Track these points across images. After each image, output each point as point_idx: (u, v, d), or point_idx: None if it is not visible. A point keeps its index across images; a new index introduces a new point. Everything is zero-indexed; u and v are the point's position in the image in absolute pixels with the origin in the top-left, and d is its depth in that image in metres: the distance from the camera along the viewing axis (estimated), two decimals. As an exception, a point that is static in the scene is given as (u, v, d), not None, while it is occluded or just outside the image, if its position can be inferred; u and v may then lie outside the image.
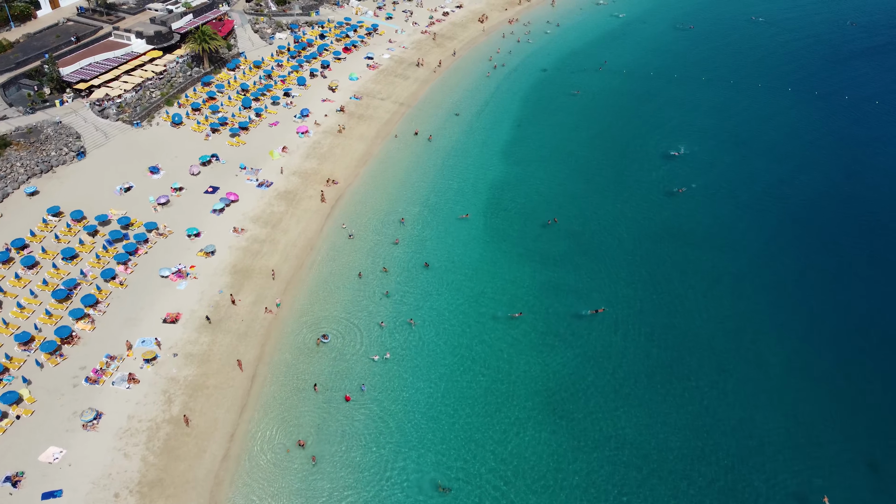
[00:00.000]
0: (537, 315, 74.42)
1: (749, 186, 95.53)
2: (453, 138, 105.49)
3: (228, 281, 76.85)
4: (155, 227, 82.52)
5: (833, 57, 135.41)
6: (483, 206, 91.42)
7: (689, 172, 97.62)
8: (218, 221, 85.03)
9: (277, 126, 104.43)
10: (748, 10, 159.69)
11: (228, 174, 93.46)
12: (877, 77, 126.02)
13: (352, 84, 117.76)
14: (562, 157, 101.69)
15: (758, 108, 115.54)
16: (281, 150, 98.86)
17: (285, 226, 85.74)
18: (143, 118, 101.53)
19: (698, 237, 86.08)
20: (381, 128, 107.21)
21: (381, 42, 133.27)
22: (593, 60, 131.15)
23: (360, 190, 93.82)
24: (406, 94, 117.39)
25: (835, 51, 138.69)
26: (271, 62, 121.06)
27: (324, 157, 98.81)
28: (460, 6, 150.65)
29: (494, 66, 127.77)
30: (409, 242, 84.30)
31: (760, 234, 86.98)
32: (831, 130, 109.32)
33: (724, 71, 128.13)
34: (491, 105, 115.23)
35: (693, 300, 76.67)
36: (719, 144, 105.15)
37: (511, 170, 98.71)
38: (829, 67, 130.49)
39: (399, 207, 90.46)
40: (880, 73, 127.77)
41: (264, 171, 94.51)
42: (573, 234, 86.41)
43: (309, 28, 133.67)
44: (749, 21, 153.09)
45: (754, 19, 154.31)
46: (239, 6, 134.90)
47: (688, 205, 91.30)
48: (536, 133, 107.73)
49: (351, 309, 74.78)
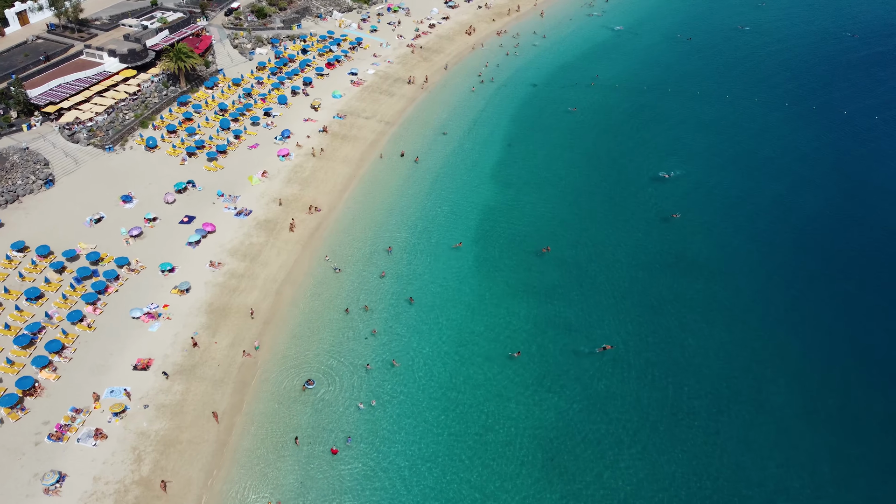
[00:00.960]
0: (532, 355, 70.53)
1: (746, 210, 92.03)
2: (441, 159, 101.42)
3: (204, 321, 72.42)
4: (126, 262, 77.96)
5: (829, 68, 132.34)
6: (473, 233, 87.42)
7: (685, 195, 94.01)
8: (193, 255, 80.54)
9: (257, 149, 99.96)
10: (738, 19, 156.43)
11: (205, 202, 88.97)
12: (875, 90, 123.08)
13: (335, 102, 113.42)
14: (554, 180, 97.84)
15: (754, 123, 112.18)
16: (261, 174, 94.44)
17: (265, 258, 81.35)
18: (116, 142, 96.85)
19: (696, 266, 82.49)
20: (366, 149, 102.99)
21: (365, 56, 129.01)
22: (585, 74, 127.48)
23: (344, 217, 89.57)
24: (392, 112, 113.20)
25: (831, 62, 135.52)
26: (251, 79, 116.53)
27: (306, 182, 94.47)
28: (447, 18, 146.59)
29: (483, 80, 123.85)
30: (396, 275, 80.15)
31: (760, 262, 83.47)
32: (830, 147, 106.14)
33: (719, 84, 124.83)
34: (480, 123, 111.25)
35: (694, 336, 73.03)
36: (715, 164, 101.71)
37: (502, 194, 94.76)
38: (825, 80, 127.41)
39: (386, 236, 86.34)
40: (878, 85, 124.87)
41: (243, 198, 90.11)
42: (568, 264, 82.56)
43: (290, 42, 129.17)
44: (741, 31, 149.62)
45: (741, 28, 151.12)
46: (217, 20, 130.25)
47: (684, 231, 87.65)
48: (527, 153, 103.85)
49: (335, 350, 70.58)
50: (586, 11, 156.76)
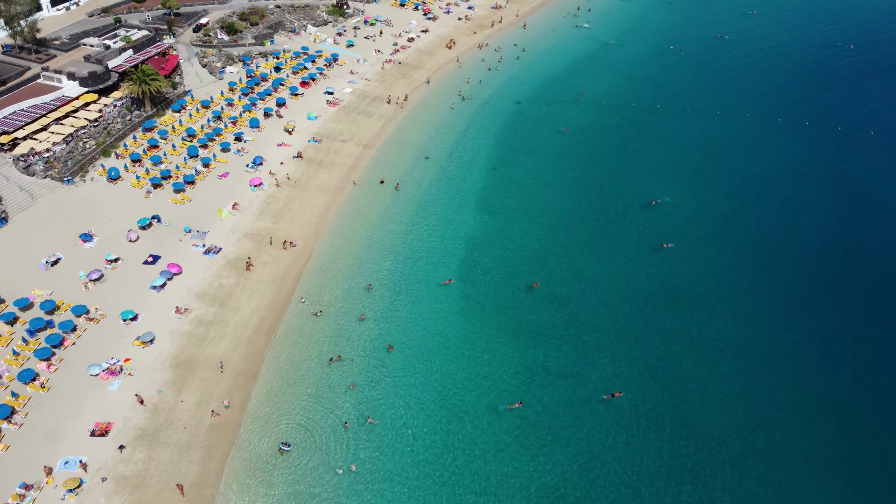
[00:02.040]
0: (529, 406, 65.67)
1: (741, 236, 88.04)
2: (423, 186, 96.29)
3: (169, 377, 66.78)
4: (85, 310, 72.05)
5: (822, 80, 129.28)
6: (458, 268, 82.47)
7: (676, 223, 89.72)
8: (158, 300, 74.78)
9: (227, 178, 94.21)
10: (726, 29, 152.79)
11: (171, 239, 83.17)
12: (867, 104, 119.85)
13: (310, 124, 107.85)
14: (541, 206, 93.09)
15: (747, 141, 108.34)
16: (231, 207, 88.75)
17: (236, 302, 75.75)
18: (76, 174, 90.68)
19: (694, 300, 78.23)
20: (344, 176, 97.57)
21: (341, 74, 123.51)
22: (570, 90, 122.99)
23: (321, 253, 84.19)
24: (370, 134, 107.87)
25: (823, 73, 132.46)
26: (221, 101, 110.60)
27: (280, 215, 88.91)
28: (426, 31, 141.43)
29: (464, 98, 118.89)
30: (376, 317, 75.03)
31: (760, 293, 79.58)
32: (826, 166, 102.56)
33: (709, 99, 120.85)
34: (462, 145, 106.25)
35: (698, 380, 68.76)
36: (707, 186, 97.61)
37: (488, 223, 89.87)
38: (818, 92, 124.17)
39: (365, 272, 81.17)
40: (870, 99, 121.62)
41: (212, 234, 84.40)
42: (559, 300, 77.87)
43: (263, 60, 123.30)
44: (732, 42, 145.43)
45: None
46: (185, 37, 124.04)
47: (677, 262, 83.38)
48: (513, 177, 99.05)
49: (311, 406, 65.33)
50: (572, 23, 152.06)
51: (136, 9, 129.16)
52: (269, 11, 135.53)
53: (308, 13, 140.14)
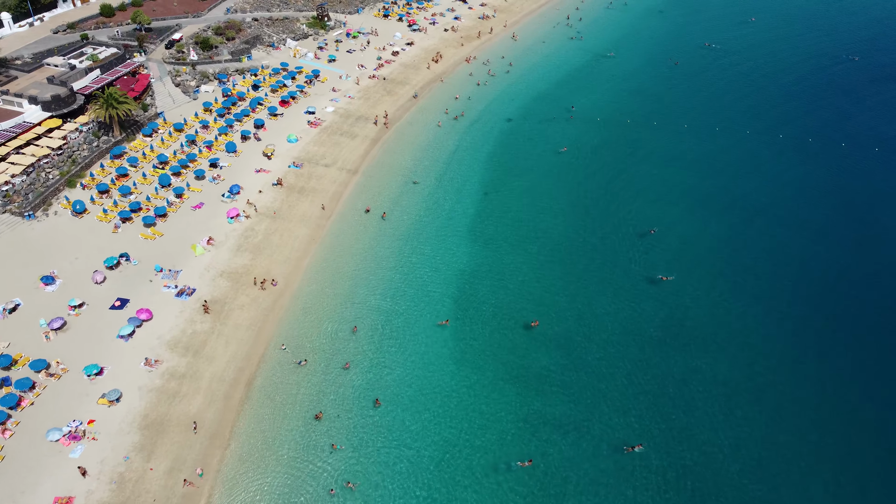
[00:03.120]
0: (534, 466, 60.37)
1: (748, 267, 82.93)
2: (411, 214, 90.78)
3: (137, 440, 60.89)
4: (45, 365, 65.96)
5: (825, 94, 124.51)
6: (450, 305, 77.14)
7: (678, 253, 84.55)
8: (126, 351, 68.79)
9: (202, 209, 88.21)
10: (724, 38, 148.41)
11: (141, 280, 77.14)
12: (870, 117, 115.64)
13: (291, 148, 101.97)
14: (535, 235, 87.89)
15: (747, 161, 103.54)
16: (206, 242, 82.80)
17: (211, 351, 69.89)
18: (38, 207, 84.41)
19: (701, 338, 73.27)
20: (327, 204, 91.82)
21: (323, 91, 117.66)
22: (563, 106, 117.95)
23: (303, 292, 78.50)
24: (354, 157, 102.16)
25: (826, 86, 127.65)
26: (195, 123, 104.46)
27: (258, 249, 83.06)
28: (411, 43, 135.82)
29: (454, 116, 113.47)
30: (361, 365, 69.54)
31: (770, 329, 74.64)
32: (831, 186, 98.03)
33: (708, 114, 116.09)
34: (452, 168, 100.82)
35: (710, 428, 63.74)
36: (708, 210, 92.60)
37: (481, 255, 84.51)
38: (820, 107, 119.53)
39: (350, 313, 75.68)
40: (872, 112, 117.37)
41: (186, 273, 78.44)
42: (560, 341, 72.72)
43: (240, 77, 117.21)
44: (731, 53, 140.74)
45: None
46: (157, 54, 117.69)
47: (683, 296, 78.39)
48: (505, 203, 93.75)
49: (292, 471, 59.75)
50: (563, 33, 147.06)
51: (105, 24, 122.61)
52: (246, 25, 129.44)
53: (287, 26, 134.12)
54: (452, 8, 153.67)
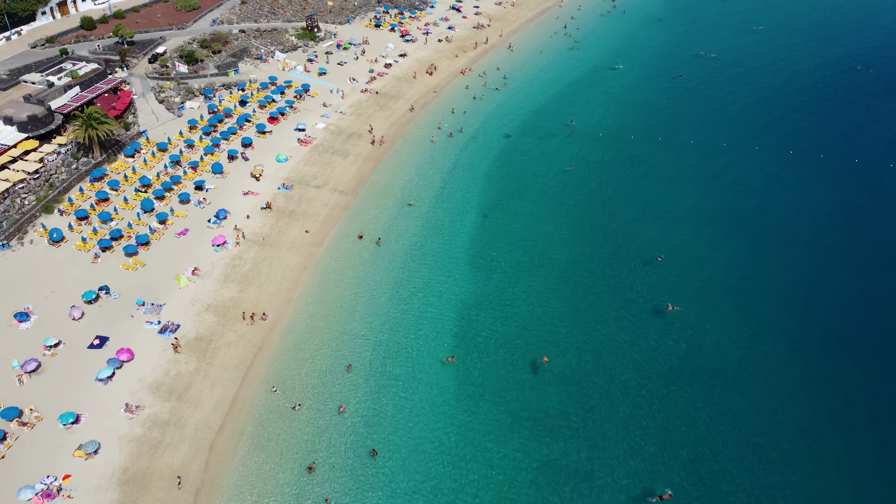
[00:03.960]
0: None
1: (763, 293, 79.23)
2: (407, 240, 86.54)
3: (116, 498, 56.47)
4: (17, 413, 61.33)
5: (836, 106, 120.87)
6: (451, 340, 73.00)
7: (685, 279, 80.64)
8: (105, 395, 64.22)
9: (187, 236, 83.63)
10: (728, 47, 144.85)
11: (122, 315, 72.54)
12: (883, 132, 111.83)
13: (280, 168, 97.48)
14: (539, 262, 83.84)
15: (756, 178, 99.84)
16: (191, 272, 78.23)
17: (196, 395, 65.38)
18: (12, 236, 79.69)
19: (720, 375, 69.44)
20: (319, 230, 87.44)
21: (313, 106, 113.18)
22: (563, 120, 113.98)
23: (294, 326, 74.10)
24: (347, 177, 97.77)
25: (837, 98, 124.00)
26: (180, 142, 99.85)
27: (246, 280, 78.56)
28: (404, 55, 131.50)
29: (450, 133, 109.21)
30: (357, 409, 65.27)
31: (791, 364, 70.95)
32: (845, 204, 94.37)
33: (714, 129, 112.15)
34: (450, 188, 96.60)
35: (742, 472, 59.71)
36: (719, 234, 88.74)
37: (482, 284, 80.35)
38: (831, 119, 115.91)
39: (345, 349, 71.41)
40: (885, 126, 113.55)
41: (169, 308, 73.86)
42: (570, 380, 68.68)
43: (227, 93, 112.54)
44: (736, 66, 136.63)
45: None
46: (140, 69, 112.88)
47: (692, 327, 74.54)
48: (506, 227, 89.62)
49: (285, 531, 55.25)
50: (561, 43, 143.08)
51: (86, 37, 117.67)
52: (233, 37, 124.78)
53: (275, 37, 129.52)
54: (446, 17, 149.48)
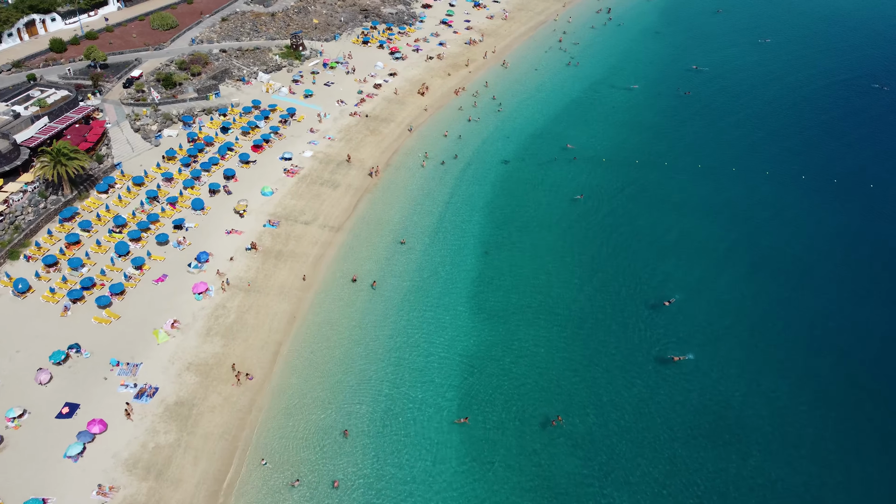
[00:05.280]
0: None
1: (783, 338, 73.84)
2: (405, 282, 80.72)
3: None
4: (-26, 501, 54.69)
5: (849, 126, 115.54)
6: (455, 397, 67.33)
7: (700, 324, 75.11)
8: (75, 475, 57.90)
9: (165, 283, 77.30)
10: (732, 63, 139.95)
11: (94, 377, 66.21)
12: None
13: (265, 202, 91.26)
14: (545, 305, 78.26)
15: (770, 207, 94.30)
16: (170, 325, 71.93)
17: (177, 471, 59.22)
18: (-28, 288, 72.86)
19: (744, 436, 64.05)
20: (309, 271, 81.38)
21: (300, 132, 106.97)
22: (562, 144, 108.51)
23: (284, 386, 68.08)
24: (337, 211, 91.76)
25: (851, 117, 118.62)
26: (157, 175, 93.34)
27: (231, 333, 72.36)
28: (394, 74, 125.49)
29: (443, 161, 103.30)
30: (353, 484, 59.38)
31: (818, 422, 65.62)
32: (866, 238, 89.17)
33: (722, 152, 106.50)
34: (447, 222, 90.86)
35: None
36: (733, 270, 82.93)
37: (487, 332, 74.64)
38: (844, 141, 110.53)
39: (339, 411, 65.70)
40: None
41: (146, 367, 67.58)
42: (585, 442, 63.19)
43: (207, 119, 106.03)
44: (743, 82, 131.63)
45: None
46: (114, 94, 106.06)
47: (711, 380, 69.21)
48: (508, 265, 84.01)
49: None
50: (557, 59, 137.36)
51: (56, 61, 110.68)
52: (213, 57, 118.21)
53: (258, 57, 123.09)
54: (436, 33, 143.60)
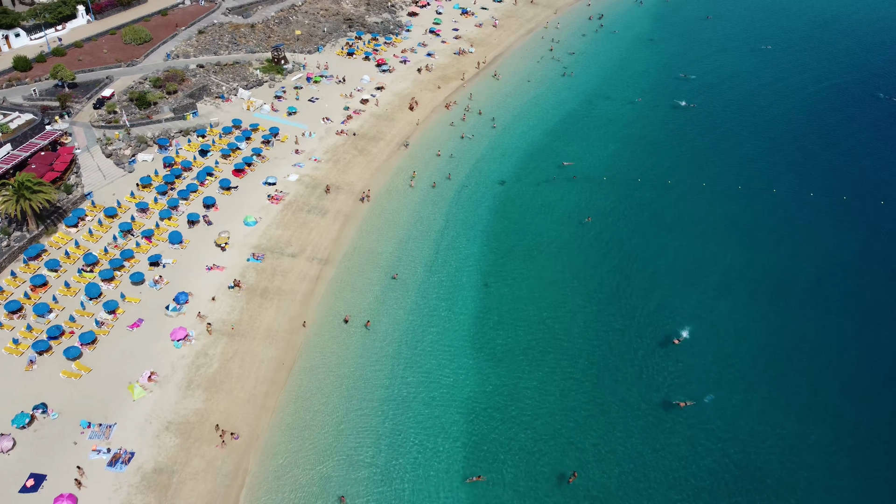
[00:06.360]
0: None
1: (804, 378, 69.24)
2: (401, 321, 75.19)
3: None
4: None
5: (856, 138, 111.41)
6: (461, 451, 62.10)
7: (716, 364, 70.32)
8: (40, 561, 51.63)
9: (141, 328, 71.12)
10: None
11: (62, 442, 59.98)
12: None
13: (249, 233, 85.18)
14: (551, 344, 73.01)
15: (779, 228, 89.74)
16: (147, 378, 65.80)
17: (155, 553, 53.17)
18: (-73, 340, 66.23)
19: (762, 487, 59.22)
20: (297, 311, 75.56)
21: (284, 153, 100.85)
22: (561, 161, 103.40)
23: (274, 444, 62.38)
24: (326, 241, 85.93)
25: (856, 129, 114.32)
26: (131, 205, 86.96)
27: (214, 384, 66.38)
28: (381, 88, 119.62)
29: (433, 183, 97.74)
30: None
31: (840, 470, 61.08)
32: (882, 259, 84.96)
33: (726, 169, 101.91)
34: (443, 251, 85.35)
35: None
36: (744, 299, 78.46)
37: (491, 376, 69.34)
38: (851, 154, 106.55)
39: (335, 474, 60.12)
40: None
41: (121, 429, 61.49)
42: (600, 500, 57.82)
43: (185, 141, 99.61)
44: (746, 91, 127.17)
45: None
46: (84, 116, 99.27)
47: (733, 428, 64.55)
48: (510, 298, 78.74)
49: None
50: (551, 69, 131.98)
51: (20, 80, 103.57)
52: (190, 73, 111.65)
53: (238, 72, 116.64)
54: (424, 43, 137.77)
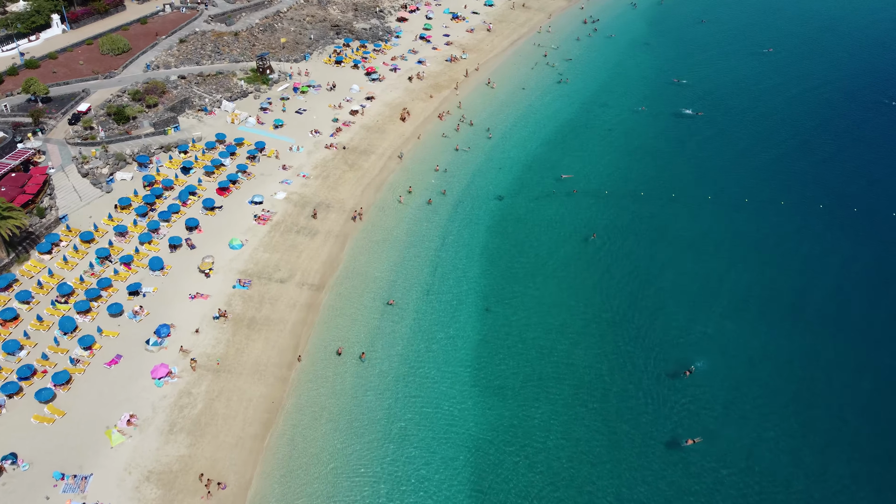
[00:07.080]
0: None
1: (822, 410, 65.76)
2: (398, 352, 70.90)
3: None
4: None
5: (865, 148, 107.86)
6: (464, 499, 57.57)
7: (727, 394, 66.82)
8: None
9: (119, 366, 66.43)
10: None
11: (34, 496, 55.36)
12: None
13: (234, 257, 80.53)
14: (556, 373, 69.15)
15: (789, 243, 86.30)
16: (125, 422, 61.18)
17: None
18: None
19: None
20: (286, 343, 71.05)
21: (271, 169, 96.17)
22: (560, 174, 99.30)
23: (264, 495, 57.86)
24: (316, 265, 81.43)
25: (866, 137, 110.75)
26: (109, 228, 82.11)
27: (199, 428, 61.80)
28: (371, 97, 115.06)
29: (428, 199, 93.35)
30: None
31: None
32: (894, 273, 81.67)
33: (731, 180, 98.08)
34: (440, 273, 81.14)
35: None
36: (756, 322, 74.98)
37: (494, 410, 65.30)
38: (861, 163, 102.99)
39: (331, 525, 55.35)
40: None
41: (98, 479, 56.92)
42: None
43: (166, 157, 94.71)
44: (748, 98, 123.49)
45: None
46: (59, 132, 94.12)
47: (748, 472, 60.99)
48: (513, 324, 74.72)
49: None
50: (546, 76, 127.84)
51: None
52: (171, 85, 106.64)
53: (222, 83, 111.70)
54: (414, 49, 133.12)
